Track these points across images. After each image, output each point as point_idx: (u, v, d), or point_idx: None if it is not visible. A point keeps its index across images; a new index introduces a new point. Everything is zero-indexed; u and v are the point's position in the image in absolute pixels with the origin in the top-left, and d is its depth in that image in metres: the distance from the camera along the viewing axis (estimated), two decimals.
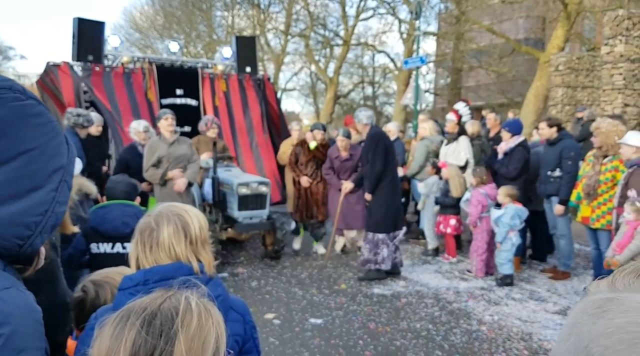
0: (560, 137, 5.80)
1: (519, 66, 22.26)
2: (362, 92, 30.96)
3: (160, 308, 0.90)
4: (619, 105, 10.30)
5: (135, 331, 0.86)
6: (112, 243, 3.05)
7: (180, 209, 1.55)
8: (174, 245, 1.47)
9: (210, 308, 0.96)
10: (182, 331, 0.87)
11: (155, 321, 0.88)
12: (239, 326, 1.53)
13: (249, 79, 7.05)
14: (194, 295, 0.96)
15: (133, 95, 6.40)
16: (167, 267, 1.45)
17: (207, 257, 1.53)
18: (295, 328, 4.42)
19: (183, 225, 1.50)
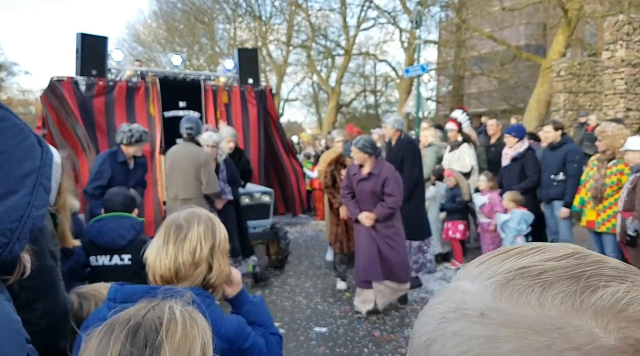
0: (563, 141, 5.82)
1: (520, 72, 22.30)
2: (364, 101, 31.06)
3: (144, 319, 0.91)
4: (621, 109, 10.29)
5: (120, 343, 0.87)
6: (110, 256, 3.07)
7: (212, 216, 1.57)
8: (202, 243, 1.47)
9: (196, 316, 0.97)
10: (167, 341, 0.88)
11: (139, 333, 0.89)
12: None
13: (251, 90, 7.10)
14: (178, 304, 0.96)
15: (133, 111, 6.44)
16: (136, 288, 1.43)
17: (222, 264, 1.52)
18: (300, 336, 4.41)
19: (212, 227, 1.52)
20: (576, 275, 0.34)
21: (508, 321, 0.33)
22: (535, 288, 0.34)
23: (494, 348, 0.32)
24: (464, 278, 0.40)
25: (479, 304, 0.35)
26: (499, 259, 0.39)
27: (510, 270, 0.37)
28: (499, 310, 0.34)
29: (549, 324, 0.32)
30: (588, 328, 0.31)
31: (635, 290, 0.33)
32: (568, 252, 0.37)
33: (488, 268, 0.38)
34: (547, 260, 0.36)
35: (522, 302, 0.34)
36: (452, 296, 0.38)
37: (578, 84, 13.40)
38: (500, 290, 0.35)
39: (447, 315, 0.37)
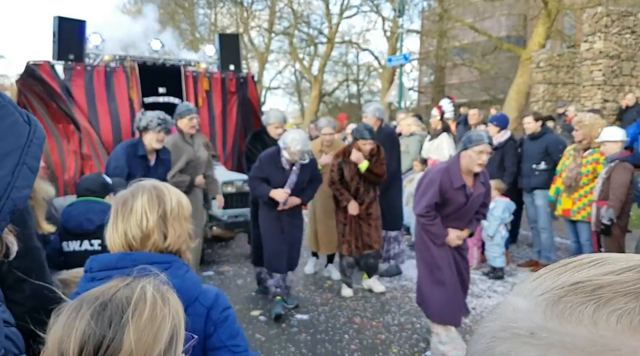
0: (543, 131, 5.92)
1: (501, 63, 22.49)
2: (347, 90, 31.04)
3: (112, 298, 0.91)
4: (598, 100, 10.48)
5: (85, 321, 0.87)
6: (80, 241, 3.02)
7: (160, 183, 1.53)
8: (147, 213, 1.44)
9: (169, 296, 0.96)
10: (133, 321, 0.87)
11: (105, 312, 0.88)
12: (201, 320, 1.45)
13: (233, 76, 7.03)
14: (152, 283, 0.96)
15: (113, 95, 6.34)
16: (111, 256, 1.43)
17: (177, 231, 1.49)
18: (282, 324, 4.43)
19: (158, 195, 1.48)
20: (636, 291, 0.32)
21: (558, 341, 0.31)
22: (589, 305, 0.32)
23: None
24: (519, 294, 0.37)
25: (529, 323, 0.34)
26: (555, 273, 0.37)
27: (563, 285, 0.34)
28: (549, 329, 0.32)
29: (603, 345, 0.29)
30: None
31: None
32: (630, 264, 0.34)
33: (542, 283, 0.36)
34: (605, 274, 0.34)
35: (574, 320, 0.31)
36: (504, 314, 0.36)
37: (557, 75, 13.59)
38: (552, 308, 0.33)
39: (497, 334, 0.35)
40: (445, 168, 3.56)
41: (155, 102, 6.62)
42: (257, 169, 4.50)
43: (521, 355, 0.32)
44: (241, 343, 1.53)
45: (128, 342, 0.86)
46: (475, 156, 3.46)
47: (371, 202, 4.95)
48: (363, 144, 4.79)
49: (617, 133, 4.59)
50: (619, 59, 10.51)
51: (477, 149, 3.45)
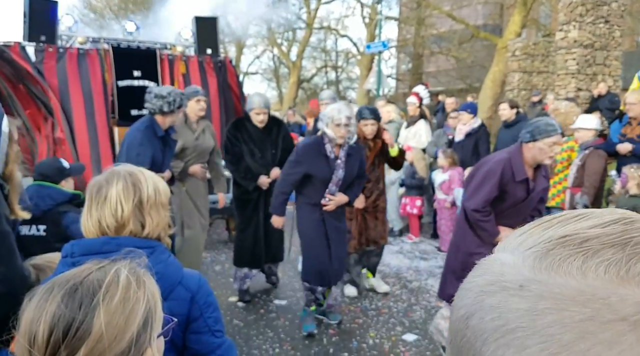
0: (518, 119, 6.01)
1: (477, 52, 22.68)
2: (326, 77, 30.93)
3: (83, 281, 0.90)
4: (572, 89, 10.67)
5: (56, 303, 0.86)
6: (29, 225, 2.98)
7: (135, 169, 1.50)
8: (122, 202, 1.41)
9: (145, 279, 0.95)
10: (103, 304, 0.87)
11: (76, 294, 0.88)
12: (184, 305, 1.44)
13: (210, 61, 6.92)
14: (128, 267, 0.95)
15: (86, 78, 6.17)
16: (94, 241, 1.41)
17: (155, 219, 1.46)
18: (260, 309, 4.44)
19: (134, 182, 1.44)
20: (622, 242, 0.32)
21: (547, 292, 0.31)
22: (577, 257, 0.32)
23: (533, 320, 0.31)
24: (504, 250, 0.38)
25: (517, 276, 0.34)
26: (541, 228, 0.37)
27: (551, 239, 0.35)
28: (538, 281, 0.32)
29: (592, 294, 0.30)
30: (635, 297, 0.29)
31: None
32: (615, 217, 0.34)
33: (528, 238, 0.37)
34: (591, 227, 0.34)
35: (563, 272, 0.32)
36: (491, 269, 0.36)
37: (532, 63, 13.77)
38: (540, 261, 0.34)
39: (485, 288, 0.35)
40: (507, 158, 3.20)
41: (130, 85, 6.48)
42: (293, 163, 3.76)
43: (510, 307, 0.32)
44: (221, 328, 1.56)
45: (98, 325, 0.85)
46: (547, 148, 3.11)
47: (380, 194, 4.62)
48: (364, 125, 4.37)
49: (591, 121, 4.69)
50: (593, 48, 10.69)
51: (550, 141, 3.09)
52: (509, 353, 0.31)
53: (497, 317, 0.33)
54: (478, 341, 0.33)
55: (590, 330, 0.29)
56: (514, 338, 0.31)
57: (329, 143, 3.77)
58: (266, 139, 4.57)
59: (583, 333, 0.29)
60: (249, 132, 4.53)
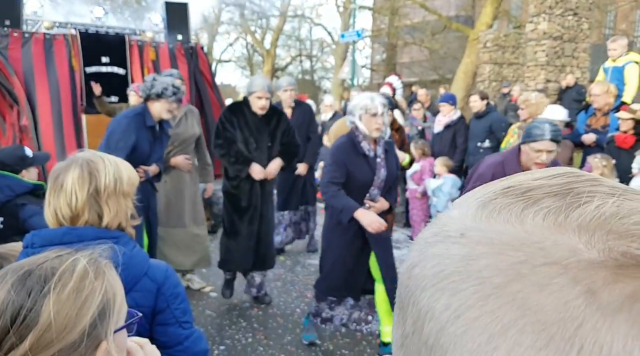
0: (488, 110, 6.12)
1: (450, 43, 22.86)
2: (300, 66, 30.77)
3: (36, 268, 0.88)
4: (541, 81, 10.86)
5: (6, 289, 0.84)
6: None
7: (97, 156, 1.44)
8: (77, 191, 1.36)
9: (105, 270, 0.93)
10: (54, 292, 0.84)
11: (27, 281, 0.85)
12: (150, 296, 1.41)
13: (181, 47, 6.79)
14: (88, 257, 0.92)
15: (53, 64, 5.99)
16: (55, 231, 1.36)
17: (114, 209, 1.41)
18: (234, 299, 4.42)
19: (90, 171, 1.39)
20: (564, 192, 0.32)
21: (485, 238, 0.32)
22: (518, 205, 0.32)
23: (469, 264, 0.31)
24: (454, 206, 0.38)
25: (459, 225, 0.34)
26: (489, 185, 0.37)
27: (495, 190, 0.35)
28: (478, 229, 0.33)
29: (527, 239, 0.30)
30: (570, 242, 0.29)
31: (624, 204, 0.31)
32: (561, 171, 0.35)
33: (477, 192, 0.37)
34: (536, 178, 0.34)
35: (502, 219, 0.32)
36: (438, 222, 0.37)
37: (503, 55, 13.95)
38: (482, 210, 0.34)
39: (429, 239, 0.36)
40: (499, 162, 3.03)
41: (97, 72, 6.32)
42: (333, 167, 3.21)
43: (449, 253, 0.33)
44: (190, 319, 1.53)
45: (46, 314, 0.82)
46: (533, 154, 2.88)
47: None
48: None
49: (558, 113, 4.80)
50: (562, 40, 10.90)
51: (535, 146, 2.87)
52: (444, 297, 0.31)
53: (436, 264, 0.33)
54: (418, 289, 0.33)
55: (523, 272, 0.29)
56: (449, 282, 0.31)
57: (364, 141, 3.19)
58: (264, 129, 4.05)
59: (515, 276, 0.29)
60: (246, 118, 4.02)
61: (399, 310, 0.36)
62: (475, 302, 0.29)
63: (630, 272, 0.27)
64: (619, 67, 5.80)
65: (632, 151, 4.42)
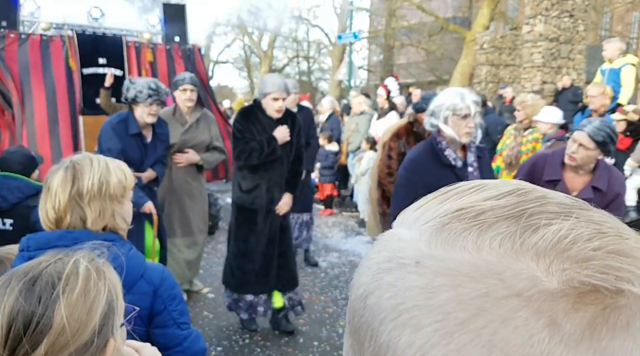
0: (485, 112, 6.14)
1: (447, 44, 22.92)
2: (297, 67, 30.78)
3: (42, 273, 0.89)
4: (537, 82, 10.90)
5: (14, 296, 0.85)
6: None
7: (86, 158, 1.43)
8: (59, 194, 1.36)
9: (105, 270, 0.94)
10: (64, 296, 0.86)
11: (34, 287, 0.86)
12: (146, 299, 1.41)
13: (178, 49, 6.80)
14: (86, 257, 0.93)
15: (49, 65, 5.99)
16: (50, 234, 1.37)
17: (97, 211, 1.40)
18: None
19: (74, 173, 1.39)
20: (517, 214, 0.31)
21: (443, 268, 0.31)
22: (473, 231, 0.31)
23: (429, 298, 0.30)
24: (402, 225, 0.36)
25: (414, 252, 0.33)
26: (437, 201, 0.36)
27: (446, 213, 0.34)
28: (434, 257, 0.31)
29: (487, 269, 0.29)
30: (529, 271, 0.29)
31: (579, 227, 0.30)
32: (510, 188, 0.34)
33: (425, 212, 0.35)
34: (486, 199, 0.33)
35: (458, 247, 0.31)
36: (389, 245, 0.35)
37: (499, 56, 14.00)
38: (436, 236, 0.33)
39: (382, 265, 0.34)
40: (544, 154, 2.80)
41: (95, 73, 6.32)
42: (402, 193, 2.70)
43: (407, 284, 0.31)
44: (187, 320, 1.54)
45: (59, 318, 0.84)
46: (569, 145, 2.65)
47: None
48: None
49: (553, 115, 4.81)
50: (558, 42, 10.94)
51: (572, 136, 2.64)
52: (405, 333, 0.30)
53: (394, 296, 0.32)
54: (375, 321, 0.32)
55: (485, 306, 0.28)
56: (410, 317, 0.30)
57: (449, 148, 2.70)
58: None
59: (478, 310, 0.28)
60: (261, 123, 3.56)
61: (353, 340, 0.35)
62: (439, 340, 0.29)
63: (589, 299, 0.27)
64: (616, 69, 5.84)
65: (628, 152, 4.44)
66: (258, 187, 3.58)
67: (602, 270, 0.28)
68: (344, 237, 6.49)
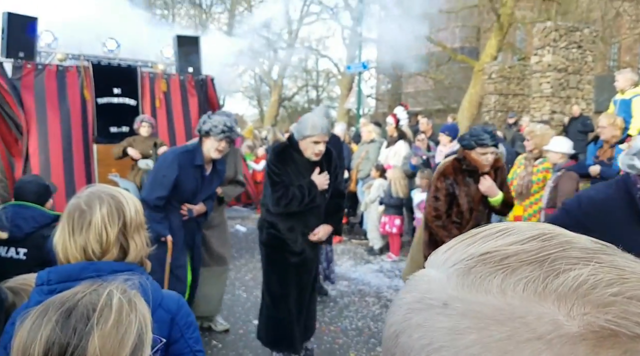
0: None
1: (455, 74, 23.13)
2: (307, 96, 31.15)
3: (77, 304, 0.91)
4: (547, 111, 10.93)
5: (51, 327, 0.87)
6: (7, 247, 2.81)
7: (113, 190, 1.46)
8: (107, 227, 1.37)
9: (136, 302, 0.97)
10: (98, 328, 0.88)
11: (70, 318, 0.89)
12: (164, 327, 1.42)
13: (192, 79, 6.93)
14: (119, 289, 0.96)
15: (64, 95, 6.12)
16: (73, 267, 1.36)
17: (138, 243, 1.44)
18: (239, 330, 4.39)
19: (117, 206, 1.41)
20: (540, 259, 0.33)
21: (469, 311, 0.32)
22: (498, 275, 0.33)
23: (456, 339, 0.31)
24: (432, 266, 0.38)
25: (442, 294, 0.34)
26: (465, 244, 0.37)
27: (473, 256, 0.35)
28: (461, 299, 0.33)
29: (511, 313, 0.31)
30: (551, 315, 0.30)
31: (600, 272, 0.31)
32: (534, 233, 0.35)
33: (453, 254, 0.37)
34: (511, 244, 0.35)
35: (484, 290, 0.33)
36: (419, 286, 0.37)
37: (508, 86, 14.09)
38: (463, 279, 0.34)
39: (412, 306, 0.36)
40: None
41: (109, 102, 6.45)
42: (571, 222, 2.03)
43: (435, 326, 0.33)
44: (202, 348, 1.54)
45: (92, 349, 0.86)
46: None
47: None
48: (482, 153, 3.30)
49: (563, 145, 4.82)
50: (566, 72, 11.01)
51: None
52: None
53: (422, 336, 0.33)
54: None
55: (509, 349, 0.29)
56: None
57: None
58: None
59: (502, 353, 0.29)
60: (296, 164, 3.34)
61: None
62: None
63: (609, 343, 0.28)
64: (627, 99, 5.85)
65: None
66: (293, 230, 3.37)
67: (621, 315, 0.29)
68: (353, 264, 6.45)
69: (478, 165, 3.32)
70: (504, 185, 3.49)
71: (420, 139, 7.14)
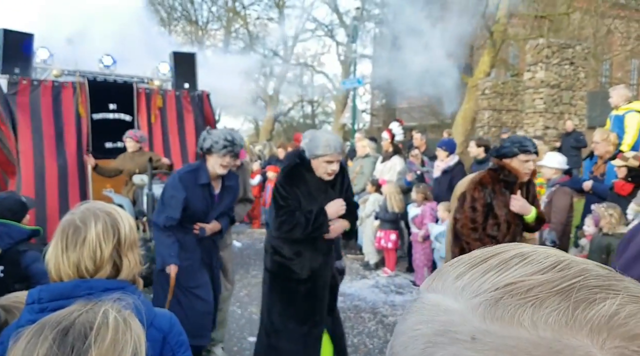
0: (488, 157, 6.20)
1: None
2: (302, 110, 31.28)
3: (74, 323, 0.91)
4: (540, 127, 11.04)
5: (47, 345, 0.87)
6: None
7: (108, 207, 1.46)
8: (102, 244, 1.37)
9: (131, 321, 0.97)
10: (95, 346, 0.88)
11: (67, 337, 0.89)
12: (156, 346, 1.41)
13: (187, 95, 6.96)
14: (114, 308, 0.96)
15: (59, 111, 6.13)
16: (65, 285, 1.35)
17: (132, 260, 1.43)
18: (234, 347, 4.35)
19: (113, 223, 1.41)
20: (565, 290, 0.33)
21: (502, 345, 0.31)
22: (527, 308, 0.33)
23: None
24: (443, 293, 0.37)
25: (468, 327, 0.33)
26: (480, 271, 0.36)
27: (497, 287, 0.35)
28: (491, 333, 0.32)
29: (546, 347, 0.31)
30: (585, 348, 0.30)
31: (630, 304, 0.32)
32: (551, 261, 0.35)
33: (471, 283, 0.36)
34: (533, 273, 0.35)
35: (515, 323, 0.32)
36: (436, 316, 0.36)
37: (501, 102, 14.23)
38: (491, 311, 0.33)
39: (434, 339, 0.34)
40: None
41: (104, 118, 6.46)
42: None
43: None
44: None
45: None
46: None
47: None
48: (525, 160, 3.11)
49: (557, 160, 4.86)
50: (559, 88, 11.14)
51: None
52: None
53: None
54: None
55: None
56: None
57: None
58: (329, 194, 3.18)
59: None
60: (307, 185, 3.13)
61: None
62: None
63: None
64: (620, 115, 5.91)
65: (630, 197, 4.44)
66: (300, 255, 3.13)
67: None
68: (348, 280, 6.42)
69: (518, 174, 3.12)
70: (535, 200, 3.30)
71: (414, 155, 7.19)
